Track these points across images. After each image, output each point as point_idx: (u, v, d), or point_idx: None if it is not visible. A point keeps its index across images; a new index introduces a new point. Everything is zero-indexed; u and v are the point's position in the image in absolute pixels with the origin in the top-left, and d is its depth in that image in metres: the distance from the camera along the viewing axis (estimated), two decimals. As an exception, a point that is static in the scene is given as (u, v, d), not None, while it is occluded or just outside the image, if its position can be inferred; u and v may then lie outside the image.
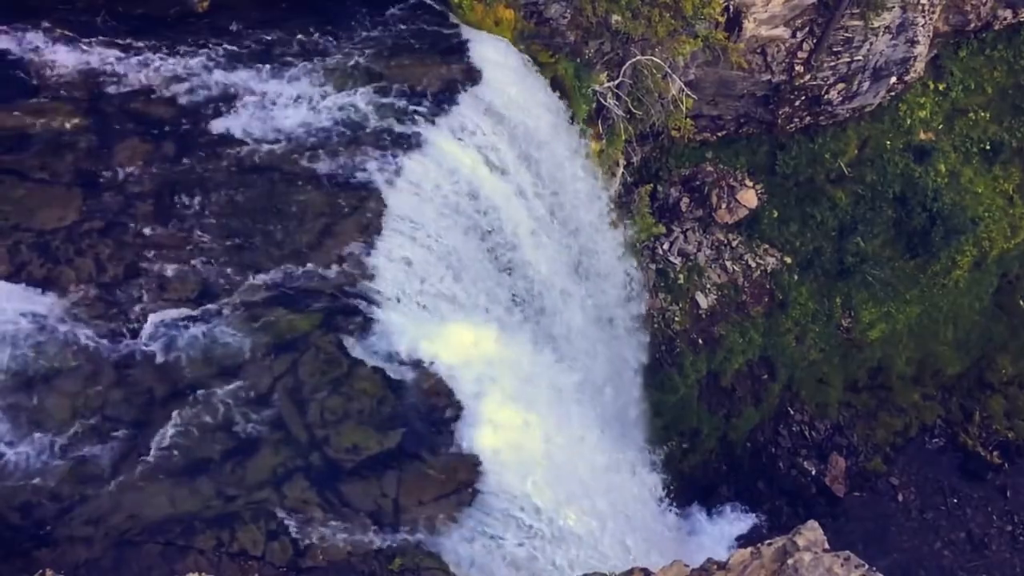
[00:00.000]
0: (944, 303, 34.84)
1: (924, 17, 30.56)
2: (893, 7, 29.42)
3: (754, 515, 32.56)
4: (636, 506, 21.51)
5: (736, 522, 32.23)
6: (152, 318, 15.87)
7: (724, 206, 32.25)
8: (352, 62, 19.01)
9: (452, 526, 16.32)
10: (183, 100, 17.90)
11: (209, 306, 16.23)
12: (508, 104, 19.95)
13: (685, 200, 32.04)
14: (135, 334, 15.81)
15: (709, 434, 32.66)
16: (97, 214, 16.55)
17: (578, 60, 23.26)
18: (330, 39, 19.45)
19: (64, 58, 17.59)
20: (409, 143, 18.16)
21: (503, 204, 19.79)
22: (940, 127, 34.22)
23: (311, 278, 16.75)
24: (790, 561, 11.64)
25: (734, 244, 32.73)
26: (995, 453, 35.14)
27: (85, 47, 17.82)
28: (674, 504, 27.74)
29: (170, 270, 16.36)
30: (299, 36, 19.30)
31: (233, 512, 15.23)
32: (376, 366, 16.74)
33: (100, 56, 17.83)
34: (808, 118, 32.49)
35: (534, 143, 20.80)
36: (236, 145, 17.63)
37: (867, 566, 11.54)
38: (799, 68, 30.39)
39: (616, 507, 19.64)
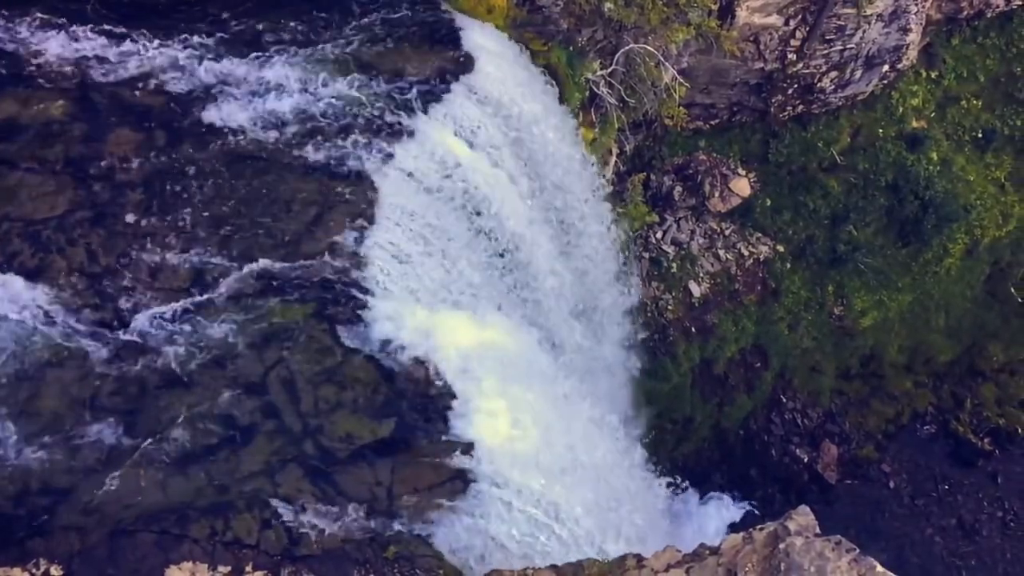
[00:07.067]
0: (936, 291, 34.91)
1: (917, 5, 30.52)
2: (885, -5, 29.39)
3: (747, 502, 32.70)
4: (630, 492, 21.57)
5: (729, 509, 32.37)
6: (144, 308, 15.85)
7: (717, 195, 32.25)
8: (343, 50, 18.93)
9: (446, 513, 16.36)
10: (173, 88, 17.81)
11: (201, 296, 16.20)
12: (500, 92, 19.90)
13: (678, 189, 32.02)
14: (127, 324, 15.79)
15: (702, 422, 32.76)
16: (88, 204, 16.49)
17: (571, 48, 23.20)
18: (321, 27, 19.36)
19: (54, 46, 17.48)
20: (401, 131, 18.11)
21: (495, 192, 19.75)
22: (932, 115, 34.21)
23: (303, 267, 16.72)
24: (782, 546, 11.72)
25: (727, 233, 32.75)
26: (986, 440, 35.29)
27: (75, 35, 17.70)
28: (667, 491, 27.83)
29: (161, 260, 16.31)
30: (290, 24, 19.21)
31: (227, 501, 15.24)
32: (369, 355, 16.75)
33: (90, 44, 17.71)
34: (801, 106, 32.46)
35: (526, 130, 20.75)
36: (227, 134, 17.57)
37: (858, 550, 11.63)
38: (792, 56, 30.36)
39: (609, 493, 19.71)
